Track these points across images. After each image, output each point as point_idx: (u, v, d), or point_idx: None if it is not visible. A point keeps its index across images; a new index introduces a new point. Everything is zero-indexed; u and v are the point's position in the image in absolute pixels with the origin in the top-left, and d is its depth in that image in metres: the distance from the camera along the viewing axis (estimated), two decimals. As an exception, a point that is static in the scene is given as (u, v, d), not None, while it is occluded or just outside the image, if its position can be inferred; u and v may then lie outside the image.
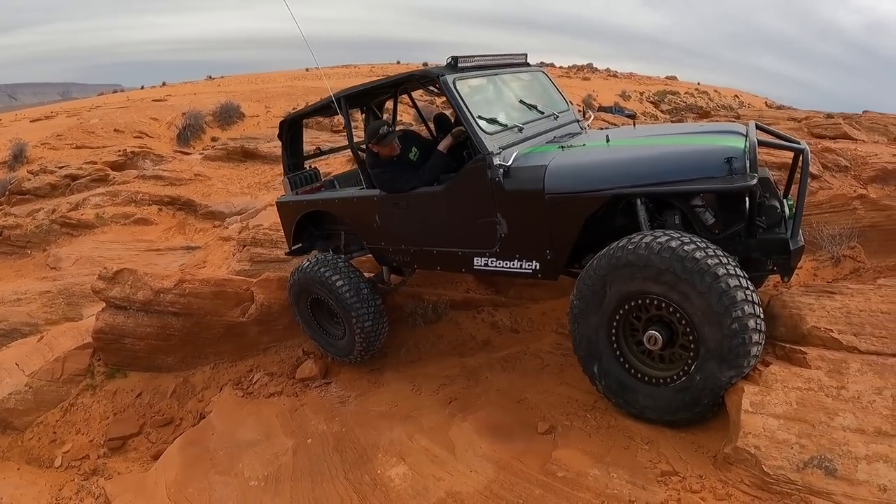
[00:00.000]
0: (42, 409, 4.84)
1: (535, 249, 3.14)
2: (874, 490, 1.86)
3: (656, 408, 2.56)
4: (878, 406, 2.11)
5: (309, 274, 4.03)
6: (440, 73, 3.33)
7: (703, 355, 2.36)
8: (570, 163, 2.99)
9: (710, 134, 2.96)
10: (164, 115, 14.49)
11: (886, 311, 2.58)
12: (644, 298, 2.51)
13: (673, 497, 2.08)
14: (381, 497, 2.63)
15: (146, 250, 7.58)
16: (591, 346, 2.73)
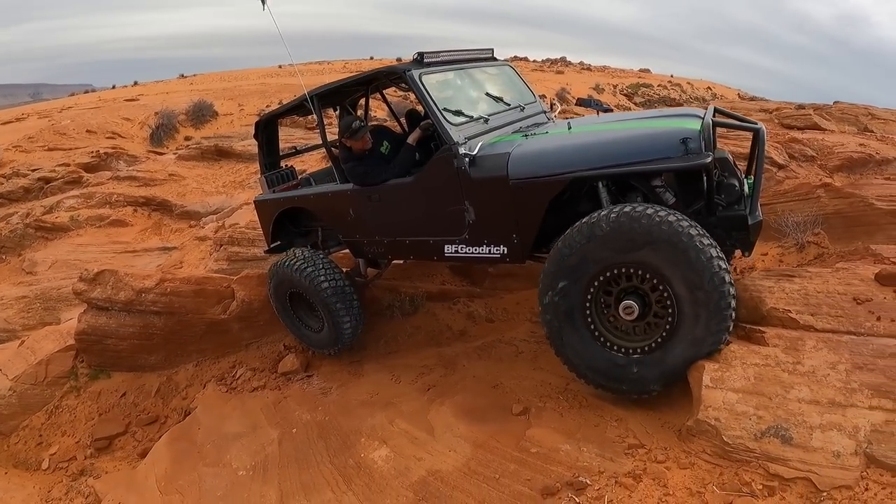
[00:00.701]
0: (27, 413, 4.79)
1: (501, 234, 3.20)
2: (828, 456, 1.96)
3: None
4: (832, 379, 2.22)
5: (288, 269, 4.07)
6: (406, 69, 3.38)
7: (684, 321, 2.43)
8: (532, 149, 3.06)
9: (668, 118, 3.03)
10: (136, 115, 14.20)
11: (843, 293, 2.70)
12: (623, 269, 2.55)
13: (640, 467, 2.17)
14: (366, 478, 2.69)
15: (122, 252, 7.48)
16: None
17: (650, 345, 2.55)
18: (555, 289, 2.71)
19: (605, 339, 2.67)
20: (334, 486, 2.73)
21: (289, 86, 20.60)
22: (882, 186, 4.00)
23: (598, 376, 2.70)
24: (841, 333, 2.51)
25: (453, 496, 2.35)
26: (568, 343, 2.76)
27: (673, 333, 2.47)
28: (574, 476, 2.22)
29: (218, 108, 15.78)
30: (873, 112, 6.92)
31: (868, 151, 4.61)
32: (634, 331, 2.64)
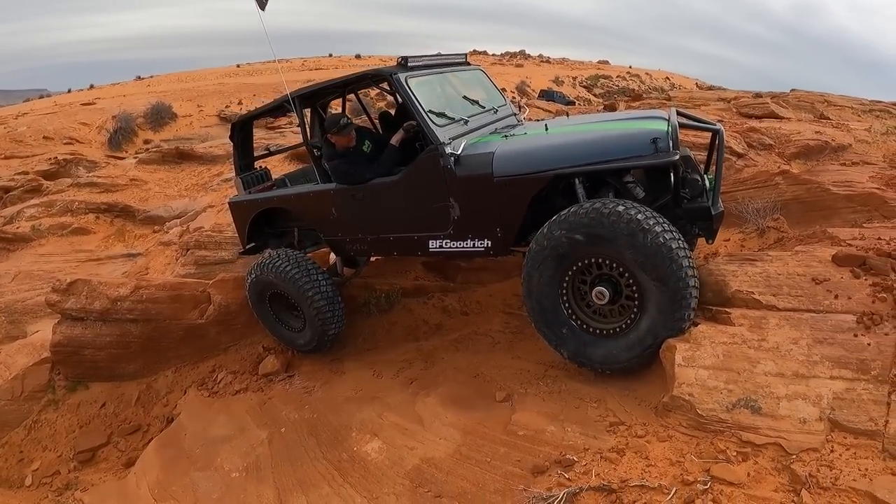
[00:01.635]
0: (5, 430, 4.66)
1: (486, 229, 3.35)
2: (795, 422, 2.10)
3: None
4: (795, 353, 2.36)
5: (269, 270, 4.08)
6: (393, 72, 3.51)
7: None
8: (514, 149, 3.23)
9: (636, 119, 3.24)
10: (93, 119, 13.78)
11: (802, 274, 2.85)
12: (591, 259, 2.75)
13: (622, 443, 2.27)
14: (361, 470, 2.74)
15: (87, 260, 7.23)
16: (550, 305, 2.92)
17: (622, 325, 2.75)
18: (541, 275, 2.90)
19: (582, 322, 2.87)
20: (330, 480, 2.77)
21: (247, 85, 20.40)
22: (838, 172, 4.20)
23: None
24: (801, 311, 2.67)
25: (448, 481, 2.42)
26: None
27: (640, 315, 2.68)
28: (561, 454, 2.31)
29: (177, 109, 15.47)
30: (829, 99, 7.22)
31: (824, 139, 4.84)
32: (610, 313, 2.83)
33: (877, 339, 2.35)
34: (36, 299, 6.81)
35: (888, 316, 2.46)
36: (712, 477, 1.97)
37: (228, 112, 15.62)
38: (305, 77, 23.30)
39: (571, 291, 2.89)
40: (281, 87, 14.37)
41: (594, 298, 2.78)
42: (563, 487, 2.13)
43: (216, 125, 14.52)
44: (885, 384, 2.16)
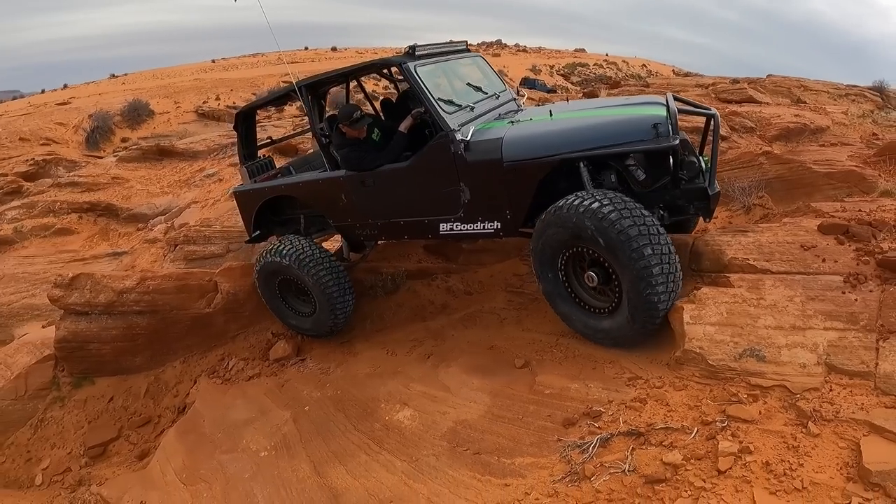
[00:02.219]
0: (10, 430, 4.67)
1: (495, 211, 3.54)
2: (796, 367, 2.36)
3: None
4: (791, 309, 2.64)
5: (279, 257, 4.17)
6: (402, 62, 3.65)
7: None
8: (522, 134, 3.40)
9: (637, 105, 3.45)
10: (69, 119, 13.61)
11: (791, 242, 3.16)
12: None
13: (642, 394, 2.51)
14: (397, 437, 2.90)
15: (71, 261, 7.19)
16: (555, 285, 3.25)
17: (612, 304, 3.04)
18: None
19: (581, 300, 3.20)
20: (366, 448, 2.92)
21: (224, 80, 20.39)
22: (818, 152, 4.55)
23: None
24: (793, 274, 2.96)
25: (484, 438, 2.61)
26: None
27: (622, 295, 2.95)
28: (588, 408, 2.54)
29: (154, 106, 15.35)
30: (805, 84, 7.64)
31: (803, 121, 5.19)
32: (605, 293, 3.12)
33: (863, 296, 2.64)
34: (22, 302, 6.79)
35: (871, 276, 2.77)
36: (728, 416, 2.23)
37: (206, 108, 15.56)
38: (282, 71, 23.20)
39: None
40: (258, 82, 14.50)
41: (587, 281, 3.09)
42: (594, 435, 2.36)
43: (194, 121, 14.48)
44: (872, 332, 2.44)
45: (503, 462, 2.44)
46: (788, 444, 2.02)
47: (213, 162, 8.90)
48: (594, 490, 2.10)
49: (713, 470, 1.97)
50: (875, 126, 5.18)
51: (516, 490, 2.26)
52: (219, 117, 14.43)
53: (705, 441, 2.16)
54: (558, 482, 2.20)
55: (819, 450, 1.96)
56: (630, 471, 2.12)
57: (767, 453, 1.99)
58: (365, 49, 38.34)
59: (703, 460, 2.05)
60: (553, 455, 2.37)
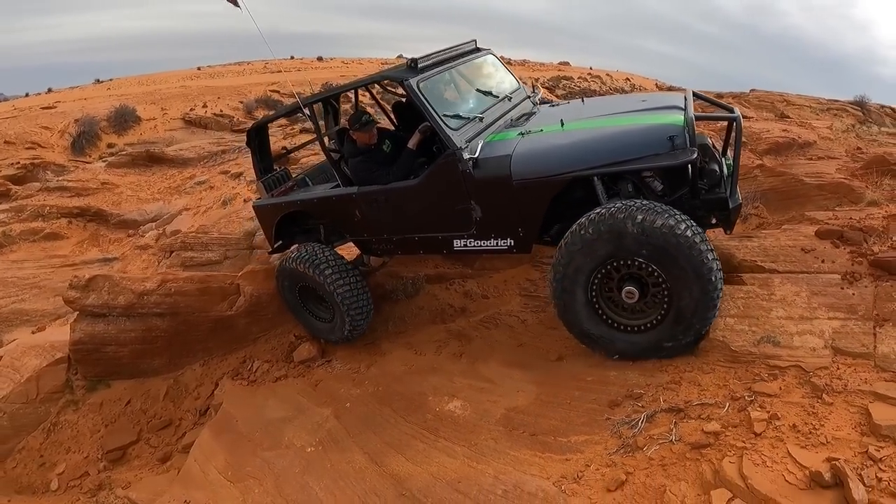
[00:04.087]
0: (21, 434, 4.83)
1: (508, 228, 3.60)
2: (807, 350, 2.84)
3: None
4: (798, 302, 3.16)
5: (297, 265, 4.40)
6: (404, 79, 3.64)
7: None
8: (532, 149, 3.40)
9: (653, 111, 3.40)
10: (55, 124, 13.79)
11: (792, 245, 3.72)
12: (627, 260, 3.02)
13: (675, 377, 2.95)
14: (451, 425, 3.22)
15: (61, 266, 7.30)
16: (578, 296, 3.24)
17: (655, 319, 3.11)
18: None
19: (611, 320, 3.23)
20: (422, 438, 3.22)
21: (210, 88, 20.78)
22: (808, 165, 5.17)
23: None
24: (797, 273, 3.51)
25: (538, 422, 3.00)
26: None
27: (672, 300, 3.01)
28: (629, 391, 2.98)
29: (140, 112, 15.64)
30: (788, 98, 8.39)
31: (791, 136, 5.82)
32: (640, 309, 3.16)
33: (859, 291, 3.19)
34: (11, 307, 6.88)
35: (865, 274, 3.32)
36: (754, 392, 2.71)
37: (193, 115, 15.80)
38: (268, 79, 23.71)
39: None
40: (245, 90, 14.78)
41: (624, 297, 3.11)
42: (639, 413, 2.80)
43: (181, 128, 14.71)
44: (869, 321, 2.97)
45: (560, 440, 2.83)
46: (808, 411, 2.51)
47: (203, 169, 9.14)
48: (647, 458, 2.53)
49: (749, 433, 2.44)
50: (859, 140, 5.86)
51: (577, 463, 2.65)
52: (206, 125, 14.71)
53: (737, 413, 2.63)
54: (614, 454, 2.62)
55: (834, 414, 2.45)
56: (676, 440, 2.57)
57: (792, 419, 2.47)
58: (351, 59, 39.09)
59: (739, 427, 2.52)
60: (604, 432, 2.79)
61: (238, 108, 16.85)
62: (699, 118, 3.33)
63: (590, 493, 2.45)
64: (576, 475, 2.58)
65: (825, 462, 2.10)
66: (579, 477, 2.56)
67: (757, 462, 2.23)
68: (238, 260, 7.06)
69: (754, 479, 2.11)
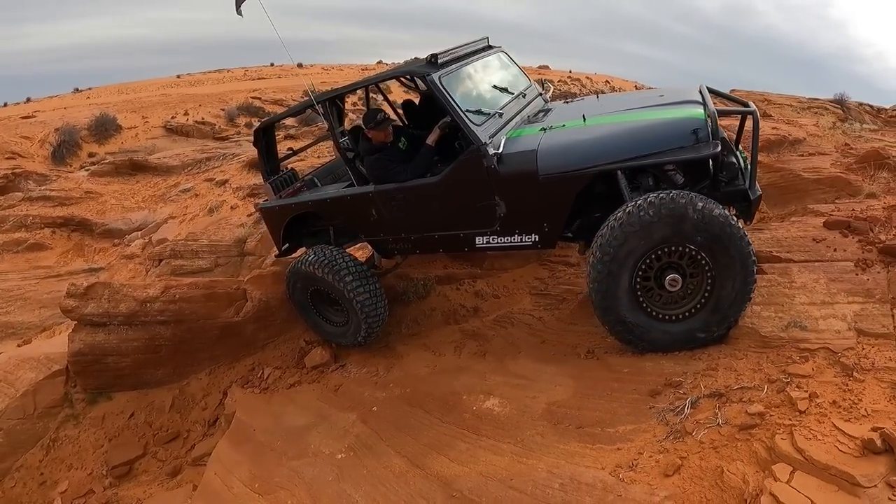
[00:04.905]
0: (19, 452, 4.70)
1: (533, 224, 3.69)
2: (832, 333, 3.04)
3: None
4: (818, 288, 3.37)
5: (309, 267, 4.40)
6: (426, 73, 3.73)
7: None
8: (557, 144, 3.51)
9: (674, 106, 3.55)
10: (34, 133, 13.85)
11: (803, 236, 3.97)
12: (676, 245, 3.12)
13: (711, 364, 3.10)
14: (492, 423, 3.27)
15: (46, 277, 7.14)
16: (621, 288, 3.28)
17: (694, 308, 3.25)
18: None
19: (650, 308, 3.31)
20: (463, 437, 3.25)
21: (191, 95, 21.03)
22: (803, 161, 5.46)
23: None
24: (813, 262, 3.75)
25: (581, 414, 3.09)
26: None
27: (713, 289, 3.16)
28: (667, 379, 3.12)
29: (121, 121, 15.73)
30: (769, 98, 8.79)
31: (782, 133, 6.12)
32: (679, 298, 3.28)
33: (873, 276, 3.44)
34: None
35: (876, 261, 3.58)
36: (789, 374, 2.88)
37: (175, 123, 15.89)
38: (249, 86, 23.86)
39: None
40: (226, 98, 14.98)
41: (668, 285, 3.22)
42: (682, 399, 2.96)
43: (163, 136, 14.79)
44: (886, 303, 3.21)
45: (607, 431, 2.94)
46: (843, 388, 2.69)
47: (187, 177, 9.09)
48: (698, 442, 2.67)
49: (794, 411, 2.61)
50: (845, 137, 6.22)
51: (629, 452, 2.76)
52: (187, 133, 14.84)
53: (777, 394, 2.80)
54: (664, 441, 2.74)
55: (868, 390, 2.65)
56: (723, 423, 2.71)
57: (831, 396, 2.65)
58: (331, 65, 39.95)
59: (782, 407, 2.69)
60: (651, 420, 2.91)
61: (220, 115, 16.95)
62: (721, 113, 3.43)
63: (648, 480, 2.56)
64: (630, 463, 2.68)
65: (873, 431, 2.28)
66: (634, 465, 2.67)
67: (808, 436, 2.39)
68: (229, 267, 7.05)
69: (810, 451, 2.27)
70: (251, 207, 7.45)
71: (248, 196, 7.80)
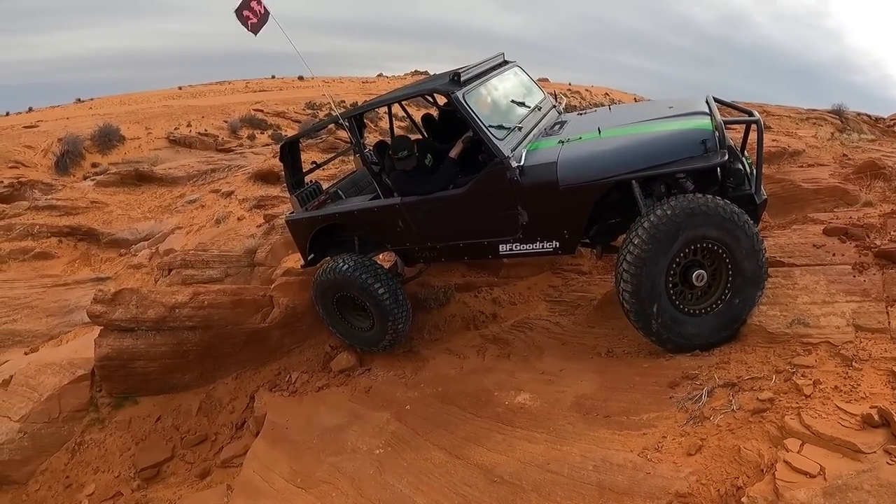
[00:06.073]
0: (43, 455, 4.97)
1: (553, 231, 4.05)
2: (833, 329, 3.47)
3: (702, 333, 3.73)
4: (819, 289, 3.82)
5: (336, 275, 4.75)
6: (450, 90, 4.07)
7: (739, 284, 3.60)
8: (576, 156, 3.87)
9: (683, 117, 3.91)
10: (38, 142, 14.35)
11: (804, 243, 4.41)
12: (702, 242, 3.53)
13: (723, 358, 3.53)
14: (525, 415, 3.64)
15: (53, 286, 7.45)
16: (655, 286, 3.60)
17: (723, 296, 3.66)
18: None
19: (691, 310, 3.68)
20: (498, 430, 3.61)
21: (193, 107, 21.73)
22: (803, 171, 5.97)
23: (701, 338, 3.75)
24: (813, 266, 4.22)
25: (608, 405, 3.50)
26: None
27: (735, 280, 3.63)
28: (684, 372, 3.55)
29: (124, 132, 16.21)
30: (768, 109, 9.33)
31: (781, 145, 6.63)
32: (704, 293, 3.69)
33: (869, 278, 3.89)
34: (2, 328, 6.98)
35: (872, 264, 4.04)
36: (795, 365, 3.33)
37: (178, 134, 16.41)
38: (251, 99, 24.72)
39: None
40: (228, 110, 15.58)
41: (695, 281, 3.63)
42: (698, 389, 3.40)
43: (166, 147, 15.32)
44: (882, 302, 3.67)
45: (633, 419, 3.35)
46: (844, 376, 3.13)
47: (193, 188, 9.48)
48: (715, 426, 3.08)
49: (800, 396, 3.05)
50: (843, 148, 6.73)
51: (653, 436, 3.17)
52: (190, 144, 15.34)
53: (784, 382, 3.24)
54: (685, 425, 3.16)
55: (866, 377, 3.09)
56: (737, 409, 3.13)
57: (833, 382, 3.09)
58: (331, 78, 41.02)
59: (789, 393, 3.13)
60: (671, 408, 3.33)
61: (223, 127, 17.53)
62: (727, 123, 3.82)
63: (673, 459, 2.97)
64: (656, 446, 3.09)
65: (871, 408, 2.73)
66: (659, 447, 3.08)
67: (814, 416, 2.83)
68: (239, 278, 7.38)
69: (817, 427, 2.71)
70: (259, 219, 7.81)
71: (255, 207, 8.17)
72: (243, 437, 5.04)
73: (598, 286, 5.55)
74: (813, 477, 2.45)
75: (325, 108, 23.12)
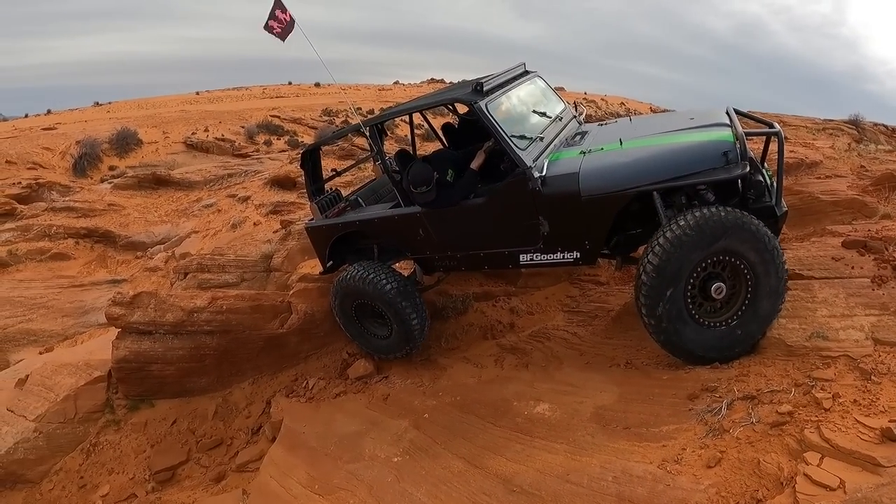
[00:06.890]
0: (58, 455, 5.10)
1: (575, 242, 4.12)
2: (852, 342, 3.56)
3: (696, 341, 3.78)
4: (838, 302, 3.91)
5: (355, 282, 4.86)
6: (473, 100, 4.14)
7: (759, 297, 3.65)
8: (598, 166, 3.92)
9: (704, 129, 3.96)
10: (56, 144, 14.73)
11: (823, 255, 4.49)
12: (732, 257, 3.58)
13: (743, 371, 3.61)
14: (544, 425, 3.72)
15: (69, 287, 7.64)
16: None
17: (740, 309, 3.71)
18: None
19: (707, 322, 3.73)
20: (517, 439, 3.69)
21: (210, 112, 22.23)
22: (821, 183, 6.05)
23: (715, 352, 3.80)
24: (832, 279, 4.30)
25: (627, 417, 3.58)
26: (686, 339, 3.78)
27: (755, 293, 3.68)
28: (703, 384, 3.63)
29: (142, 135, 16.65)
30: (784, 119, 9.39)
31: (799, 156, 6.71)
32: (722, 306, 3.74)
33: (888, 291, 3.97)
34: (18, 327, 7.16)
35: (891, 277, 4.12)
36: (814, 378, 3.41)
37: (195, 139, 16.72)
38: (268, 105, 25.20)
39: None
40: (245, 115, 15.92)
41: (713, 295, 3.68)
42: (718, 402, 3.49)
43: (183, 152, 15.63)
44: (901, 316, 3.79)
45: (652, 431, 3.43)
46: (863, 390, 3.21)
47: (209, 192, 9.70)
48: (735, 438, 3.16)
49: (819, 409, 3.13)
50: (861, 159, 6.80)
51: (673, 448, 3.25)
52: (207, 149, 15.68)
53: (803, 395, 3.33)
54: (704, 438, 3.24)
55: (885, 391, 3.17)
56: (756, 421, 3.22)
57: (852, 396, 3.18)
58: (348, 85, 41.76)
59: (808, 406, 3.22)
60: (691, 421, 3.41)
61: (239, 132, 17.91)
62: (748, 134, 3.85)
63: (693, 471, 3.05)
64: (675, 458, 3.18)
65: (890, 422, 2.81)
66: (679, 459, 3.16)
67: (833, 429, 2.91)
68: (255, 282, 7.53)
69: (836, 440, 2.79)
70: (275, 224, 7.95)
71: (271, 213, 8.32)
72: (259, 442, 5.15)
73: (616, 297, 5.63)
74: (833, 490, 2.53)
75: (341, 115, 23.43)
